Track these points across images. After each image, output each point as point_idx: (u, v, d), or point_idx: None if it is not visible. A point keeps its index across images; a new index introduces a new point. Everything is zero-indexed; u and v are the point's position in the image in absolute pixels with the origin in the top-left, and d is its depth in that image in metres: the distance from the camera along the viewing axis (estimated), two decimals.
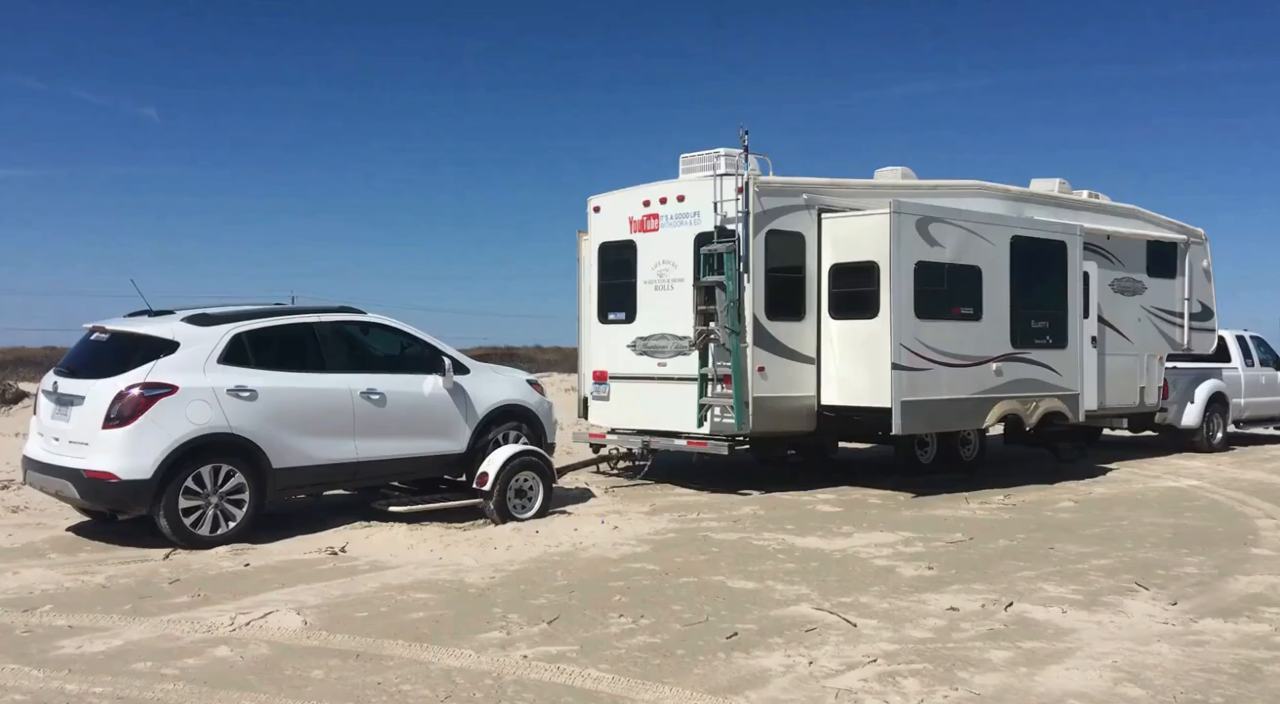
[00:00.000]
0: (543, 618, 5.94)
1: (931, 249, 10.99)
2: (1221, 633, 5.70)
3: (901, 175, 12.37)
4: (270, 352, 8.28)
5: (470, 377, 9.36)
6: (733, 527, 9.05)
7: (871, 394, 10.69)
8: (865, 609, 6.20)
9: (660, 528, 8.91)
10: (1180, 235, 15.54)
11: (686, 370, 11.05)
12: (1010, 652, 5.37)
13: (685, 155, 11.60)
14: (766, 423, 10.77)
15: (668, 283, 11.40)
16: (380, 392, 8.71)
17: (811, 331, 11.16)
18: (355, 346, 9.02)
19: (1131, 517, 9.80)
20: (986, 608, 6.21)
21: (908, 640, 5.56)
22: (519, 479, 9.13)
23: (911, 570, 7.30)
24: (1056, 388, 12.26)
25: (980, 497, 10.91)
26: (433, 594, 6.51)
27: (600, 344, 12.18)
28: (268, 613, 5.90)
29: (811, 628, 5.78)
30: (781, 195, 10.95)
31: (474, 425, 9.28)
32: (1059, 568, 7.43)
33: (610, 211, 12.15)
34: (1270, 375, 17.58)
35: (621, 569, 7.28)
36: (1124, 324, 14.35)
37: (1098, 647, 5.45)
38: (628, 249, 11.83)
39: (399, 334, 9.28)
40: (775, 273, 10.86)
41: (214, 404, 7.83)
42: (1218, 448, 15.99)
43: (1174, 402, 15.58)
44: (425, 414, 8.99)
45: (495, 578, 6.96)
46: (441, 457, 9.15)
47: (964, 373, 11.24)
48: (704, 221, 10.94)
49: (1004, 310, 11.72)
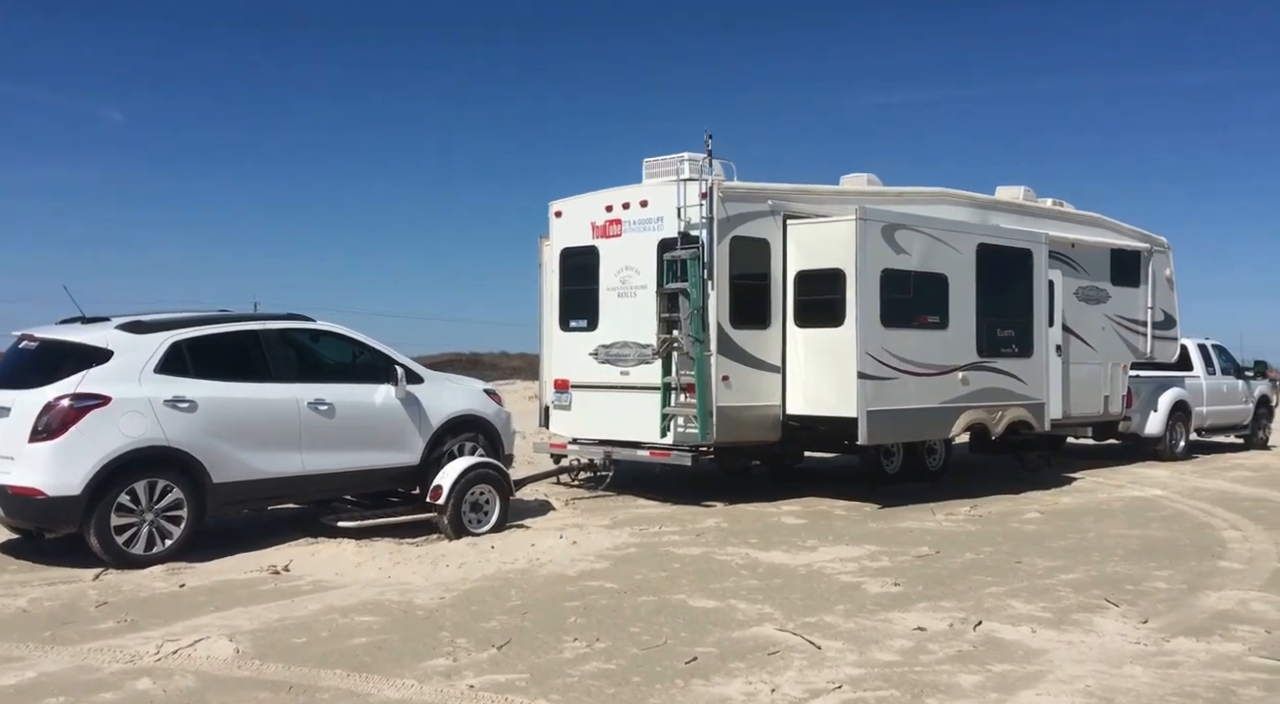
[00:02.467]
0: (493, 642, 5.64)
1: (898, 256, 10.83)
2: (1194, 653, 5.53)
3: (867, 181, 12.19)
4: (211, 360, 7.90)
5: (424, 386, 9.03)
6: (695, 540, 8.80)
7: (837, 403, 10.50)
8: (830, 629, 5.97)
9: (621, 542, 8.63)
10: (1143, 244, 15.54)
11: (649, 379, 10.79)
12: (979, 675, 5.16)
13: (648, 160, 11.36)
14: (731, 433, 10.54)
15: (630, 289, 11.15)
16: (329, 402, 8.36)
17: (777, 340, 10.95)
18: (303, 355, 8.66)
19: (1098, 528, 9.68)
20: (955, 627, 6.00)
21: (874, 664, 5.33)
22: (475, 492, 8.82)
23: (878, 587, 7.08)
24: (1022, 397, 12.14)
25: (947, 507, 10.75)
26: (378, 617, 6.18)
27: (562, 352, 11.90)
28: (198, 640, 5.54)
29: (774, 651, 5.53)
30: (746, 201, 10.74)
31: (428, 437, 8.95)
32: (1027, 583, 7.25)
33: (572, 216, 11.88)
34: (1231, 384, 17.67)
35: (579, 588, 7.00)
36: (1088, 332, 14.29)
37: (1069, 669, 5.25)
38: (590, 255, 11.57)
39: (349, 342, 8.94)
40: (740, 280, 10.64)
41: (149, 416, 7.44)
42: (1180, 456, 16.00)
43: (1137, 410, 15.58)
44: (376, 425, 8.65)
45: (445, 598, 6.65)
46: (394, 469, 8.81)
47: (930, 382, 11.08)
48: (667, 227, 10.70)
49: (970, 319, 11.58)
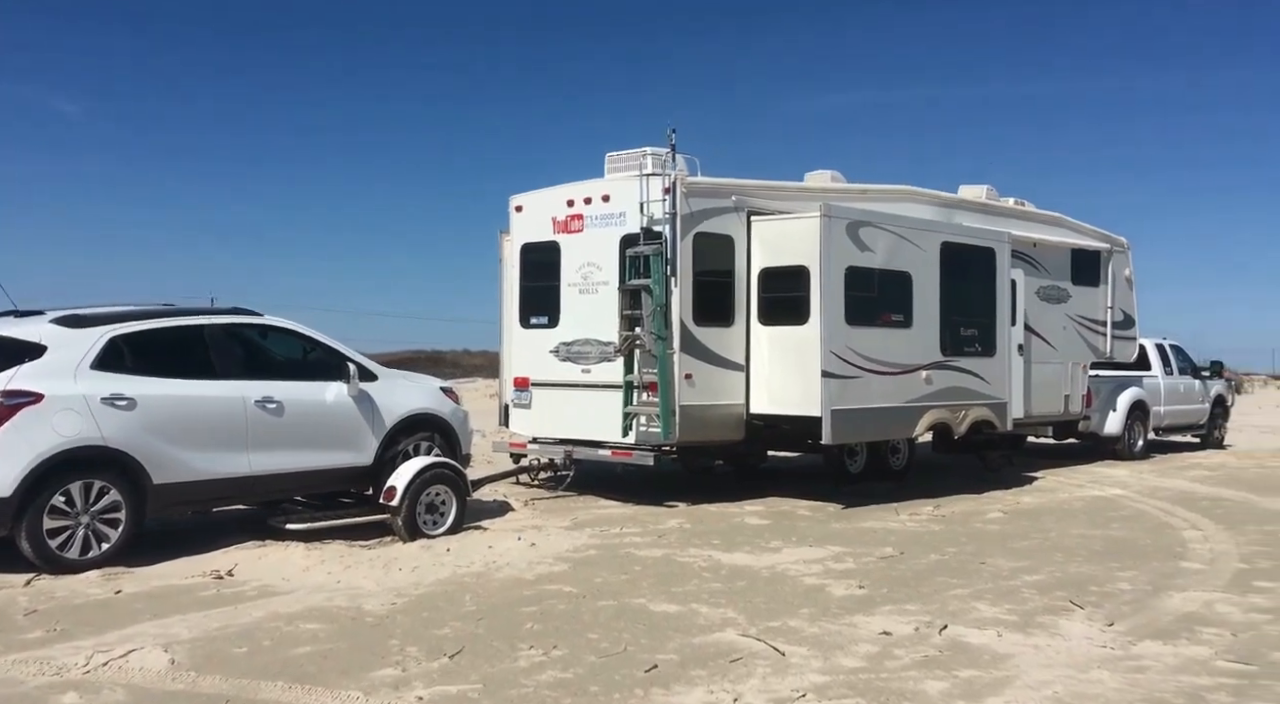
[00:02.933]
0: (445, 651, 5.41)
1: (862, 254, 10.72)
2: (1162, 657, 5.45)
3: (831, 179, 12.10)
4: (152, 356, 7.56)
5: (378, 384, 8.75)
6: (657, 542, 8.62)
7: (801, 402, 10.37)
8: (794, 634, 5.81)
9: (580, 544, 8.43)
10: (1103, 244, 15.62)
11: (611, 377, 10.59)
12: (946, 682, 5.02)
13: (611, 154, 11.17)
14: (694, 432, 10.38)
15: (592, 286, 10.94)
16: (277, 400, 8.06)
17: (740, 338, 10.80)
18: (250, 351, 8.35)
19: (1060, 528, 9.64)
20: (920, 631, 5.88)
21: (839, 670, 5.18)
22: (430, 493, 8.56)
23: (842, 589, 6.94)
24: (985, 396, 12.11)
25: (910, 507, 10.67)
26: (324, 624, 5.92)
27: (522, 349, 11.67)
28: (131, 650, 5.25)
29: (737, 658, 5.36)
30: (710, 197, 10.58)
31: (381, 436, 8.67)
32: (992, 585, 7.15)
33: (532, 211, 11.65)
34: (1188, 384, 17.85)
35: (536, 592, 6.79)
36: (1050, 332, 14.32)
37: (1036, 675, 5.14)
38: (551, 250, 11.34)
39: (299, 338, 8.64)
40: (703, 277, 10.48)
41: (85, 414, 7.09)
42: (1138, 456, 16.12)
43: (1097, 410, 15.65)
44: (327, 424, 8.36)
45: (396, 604, 6.40)
46: (345, 470, 8.53)
47: (895, 381, 11.00)
48: (630, 223, 10.51)
49: (934, 317, 11.52)
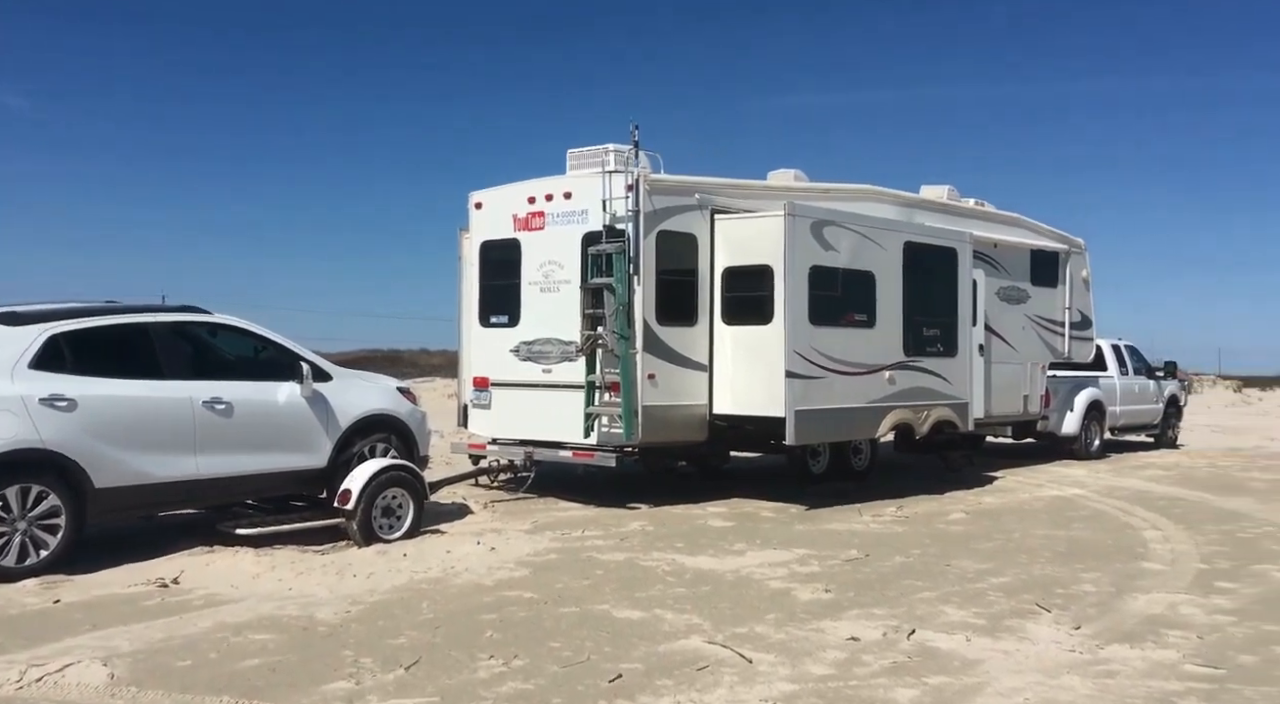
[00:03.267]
0: (400, 662, 5.22)
1: (826, 253, 10.66)
2: (1130, 661, 5.41)
3: (794, 177, 12.02)
4: (94, 355, 7.26)
5: (332, 384, 8.50)
6: (619, 545, 8.47)
7: (765, 403, 10.27)
8: (761, 641, 5.69)
9: (541, 548, 8.25)
10: (1061, 245, 15.75)
11: (573, 377, 10.43)
12: (916, 689, 4.93)
13: (573, 150, 10.99)
14: (657, 433, 10.24)
15: (553, 284, 10.76)
16: (227, 400, 7.78)
17: (704, 337, 10.68)
18: (199, 350, 8.08)
19: (1022, 528, 9.65)
20: (888, 637, 5.79)
21: (807, 678, 5.06)
22: (386, 496, 8.33)
23: (808, 593, 6.84)
24: (947, 397, 12.12)
25: (873, 508, 10.62)
26: (274, 634, 5.69)
27: (481, 349, 11.46)
28: (68, 664, 4.99)
29: (704, 666, 5.23)
30: (673, 194, 10.45)
31: (336, 438, 8.43)
32: (958, 587, 7.10)
33: (493, 208, 11.44)
34: (1143, 384, 18.09)
35: (496, 598, 6.60)
36: (1009, 332, 14.40)
37: (1007, 681, 5.07)
38: (511, 248, 11.15)
39: (251, 337, 8.36)
40: (666, 275, 10.34)
41: (23, 415, 6.78)
42: (1095, 455, 16.29)
43: (1055, 410, 15.79)
44: (279, 425, 8.10)
45: (351, 613, 6.18)
46: (298, 472, 8.27)
47: (858, 381, 10.95)
48: (592, 220, 10.36)
49: (897, 318, 11.49)
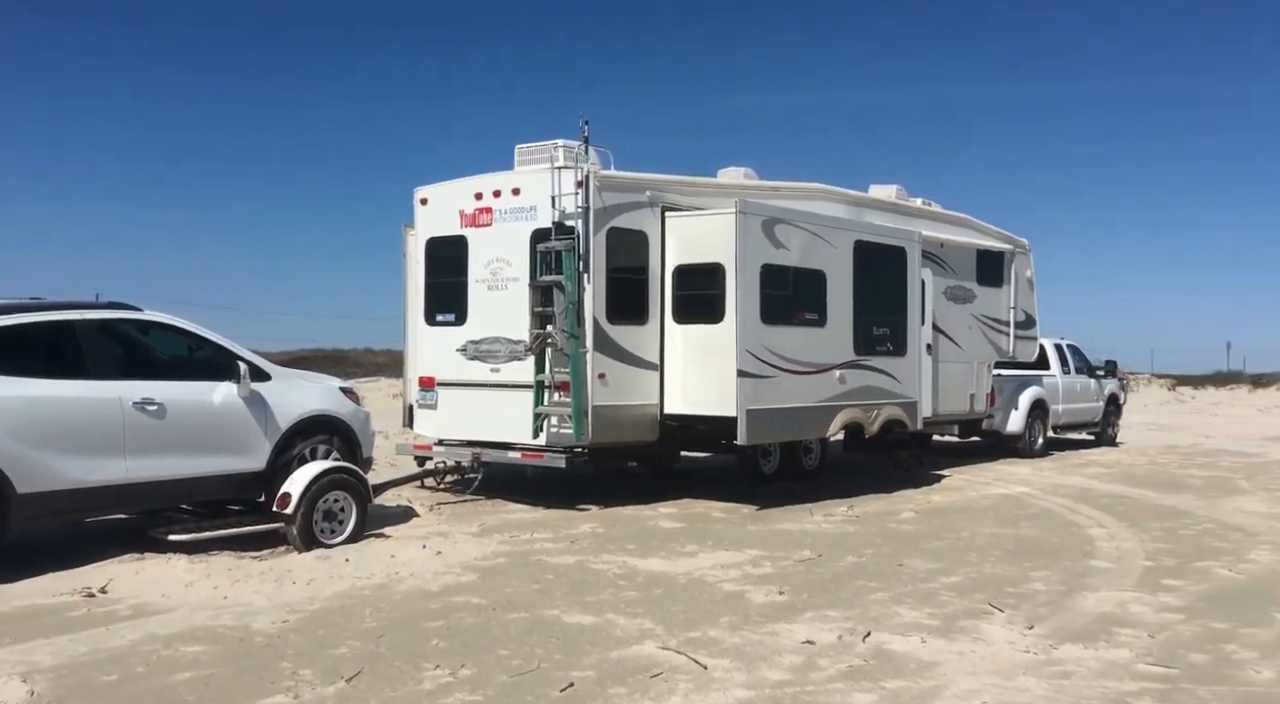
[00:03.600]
0: (341, 673, 5.00)
1: (778, 252, 10.60)
2: (1084, 661, 5.40)
3: (744, 175, 11.97)
4: (15, 354, 6.88)
5: (271, 384, 8.20)
6: (569, 548, 8.31)
7: (716, 402, 10.19)
8: (715, 645, 5.58)
9: (489, 552, 8.06)
10: (1006, 245, 15.93)
11: (521, 377, 10.23)
12: (874, 694, 4.85)
13: (521, 146, 10.80)
14: (607, 433, 10.09)
15: (501, 282, 10.56)
16: (159, 401, 7.45)
17: (654, 336, 10.56)
18: (130, 349, 7.73)
19: (971, 527, 9.69)
20: (844, 640, 5.71)
21: (763, 684, 4.96)
22: (328, 500, 8.06)
23: (762, 595, 6.75)
24: (897, 396, 12.15)
25: (824, 508, 10.60)
26: (207, 646, 5.43)
27: (428, 348, 11.21)
28: None
29: (657, 672, 5.10)
30: (624, 191, 10.31)
31: (275, 439, 8.13)
32: (911, 587, 7.07)
33: (439, 204, 11.19)
34: (1084, 382, 18.40)
35: (442, 605, 6.40)
36: (956, 332, 14.51)
37: (963, 683, 5.02)
38: (458, 245, 10.91)
39: (185, 335, 8.02)
40: (617, 273, 10.20)
41: None
42: (1039, 453, 16.51)
43: (1000, 408, 15.96)
44: (215, 427, 7.78)
45: (289, 622, 5.93)
46: (235, 475, 7.95)
47: (809, 380, 10.92)
48: (541, 217, 10.17)
49: (847, 316, 11.49)
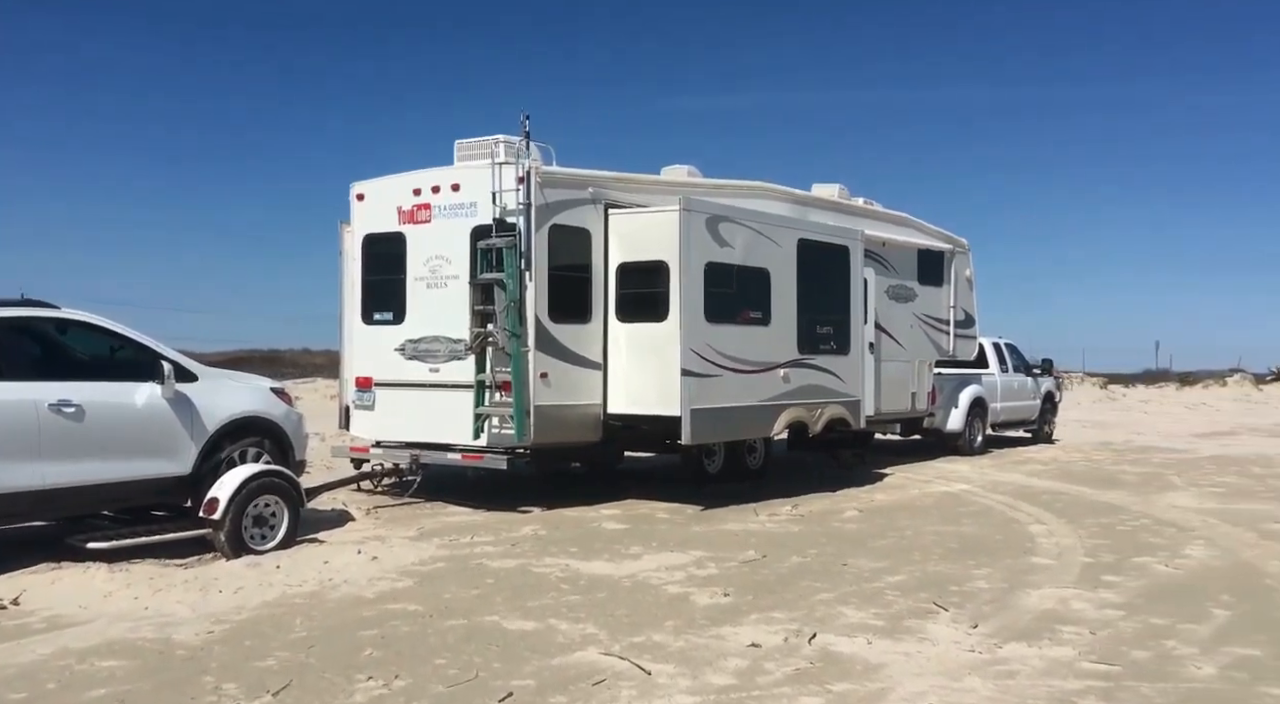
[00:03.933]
0: (268, 687, 4.77)
1: (722, 250, 10.53)
2: (1028, 659, 5.38)
3: (687, 173, 11.88)
4: None
5: (198, 385, 7.88)
6: (511, 551, 8.12)
7: (660, 402, 10.08)
8: (659, 650, 5.45)
9: (427, 556, 7.84)
10: (947, 244, 16.11)
11: (461, 376, 10.01)
12: (821, 698, 4.77)
13: (461, 141, 10.57)
14: (550, 433, 9.92)
15: (441, 280, 10.32)
16: (76, 403, 7.10)
17: (598, 335, 10.42)
18: (45, 349, 7.38)
19: (914, 525, 9.72)
20: (790, 642, 5.63)
21: (708, 690, 4.84)
22: (258, 504, 7.77)
23: (706, 598, 6.65)
24: (840, 394, 12.17)
25: (769, 507, 10.55)
26: (125, 660, 5.15)
27: (365, 347, 10.92)
28: None
29: (600, 680, 4.96)
30: (566, 187, 10.14)
31: (202, 442, 7.81)
32: (855, 587, 7.02)
33: (376, 200, 10.91)
34: (1022, 381, 18.70)
35: (377, 612, 6.18)
36: (898, 331, 14.61)
37: (910, 685, 4.96)
38: (396, 242, 10.64)
39: (106, 334, 7.66)
40: (559, 271, 10.04)
41: None
42: (978, 451, 16.72)
43: (940, 407, 16.13)
44: (137, 430, 7.44)
45: (214, 633, 5.66)
46: (159, 480, 7.62)
47: (754, 379, 10.86)
48: (481, 213, 9.96)
49: (791, 315, 11.47)
